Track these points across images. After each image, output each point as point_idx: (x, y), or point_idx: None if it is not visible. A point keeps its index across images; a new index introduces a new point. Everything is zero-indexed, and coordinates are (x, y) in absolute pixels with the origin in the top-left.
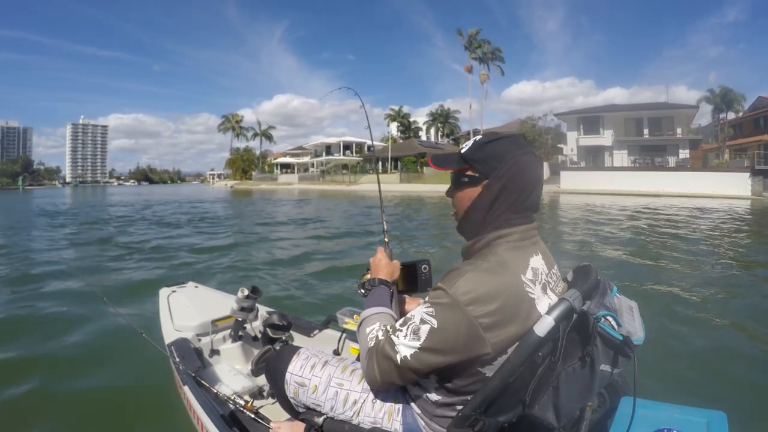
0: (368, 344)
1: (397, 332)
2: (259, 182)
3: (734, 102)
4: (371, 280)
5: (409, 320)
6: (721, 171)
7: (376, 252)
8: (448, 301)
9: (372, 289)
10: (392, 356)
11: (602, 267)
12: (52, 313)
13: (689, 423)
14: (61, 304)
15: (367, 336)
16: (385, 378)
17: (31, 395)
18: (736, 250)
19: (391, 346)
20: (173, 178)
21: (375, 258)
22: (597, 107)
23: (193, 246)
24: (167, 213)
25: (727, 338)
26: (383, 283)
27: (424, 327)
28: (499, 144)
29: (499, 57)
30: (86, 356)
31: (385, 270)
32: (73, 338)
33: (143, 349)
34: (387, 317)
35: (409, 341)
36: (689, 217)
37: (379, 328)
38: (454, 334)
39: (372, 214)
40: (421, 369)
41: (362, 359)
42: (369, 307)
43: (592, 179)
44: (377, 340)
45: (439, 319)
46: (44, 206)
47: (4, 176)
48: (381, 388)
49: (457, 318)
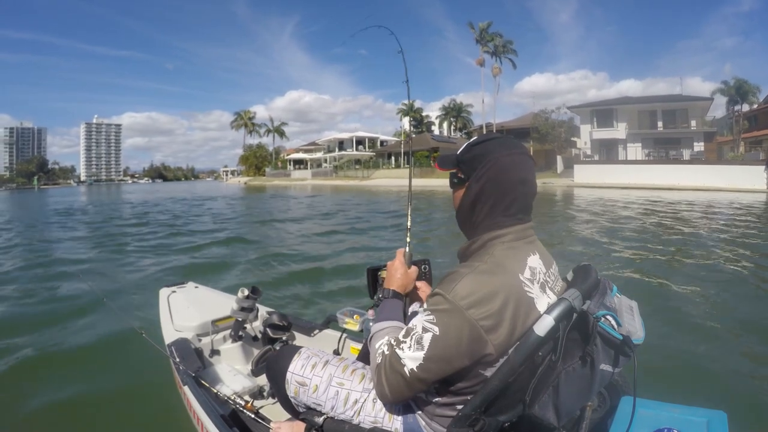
0: (376, 360)
1: (401, 344)
2: (273, 178)
3: (749, 94)
4: (385, 290)
5: (411, 331)
6: (736, 164)
7: (395, 255)
8: (447, 307)
9: (384, 300)
10: (400, 370)
11: (607, 263)
12: (52, 313)
13: (689, 423)
14: (61, 303)
15: (375, 351)
16: (395, 393)
17: (31, 395)
18: (747, 246)
19: (397, 360)
20: (187, 176)
21: (393, 264)
22: (610, 100)
23: (194, 246)
24: (175, 211)
25: (728, 338)
26: (396, 296)
27: (426, 336)
28: (485, 145)
29: (511, 50)
30: (86, 356)
31: (400, 281)
32: (73, 338)
33: (143, 349)
34: (396, 331)
35: (414, 352)
36: (702, 211)
37: (385, 343)
38: (456, 340)
39: (382, 210)
40: (429, 379)
41: (372, 376)
42: (380, 321)
43: (605, 173)
44: (384, 356)
45: (441, 326)
46: (55, 205)
47: (20, 176)
48: (392, 403)
49: (459, 323)
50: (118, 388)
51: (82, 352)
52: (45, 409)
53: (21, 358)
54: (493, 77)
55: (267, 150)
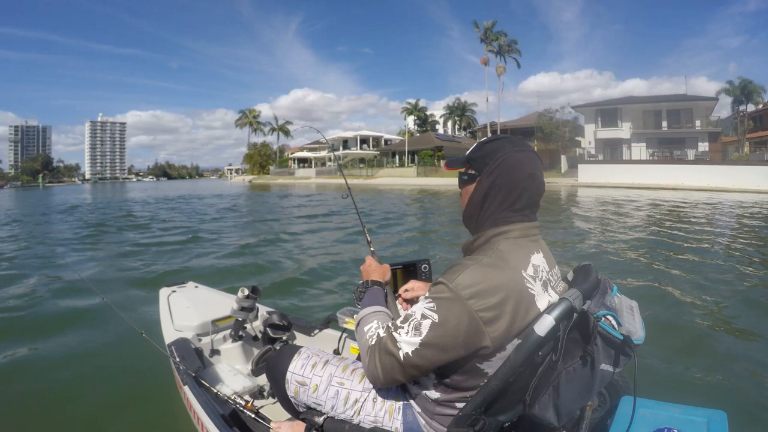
0: (368, 342)
1: (398, 329)
2: (277, 177)
3: (754, 94)
4: (364, 282)
5: (410, 317)
6: (741, 164)
7: (364, 260)
8: (449, 296)
9: (366, 291)
10: (395, 353)
11: (608, 263)
12: (52, 313)
13: (689, 422)
14: (61, 303)
15: (366, 334)
16: (387, 375)
17: (30, 395)
18: (749, 247)
19: (393, 343)
20: (191, 174)
21: (364, 265)
22: (615, 99)
23: (194, 245)
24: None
25: (728, 337)
26: (376, 284)
27: (425, 322)
28: (496, 143)
29: (515, 49)
30: (86, 356)
31: (376, 272)
32: (73, 338)
33: (143, 349)
34: (384, 315)
35: (411, 337)
36: (705, 211)
37: (379, 326)
38: (455, 328)
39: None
40: (424, 365)
41: (363, 357)
42: (365, 306)
43: (610, 172)
44: (378, 337)
45: (441, 314)
46: (59, 203)
47: (25, 174)
48: (383, 386)
49: (459, 312)
50: (118, 388)
51: (82, 351)
52: (45, 409)
53: (20, 358)
54: (497, 76)
55: (271, 148)
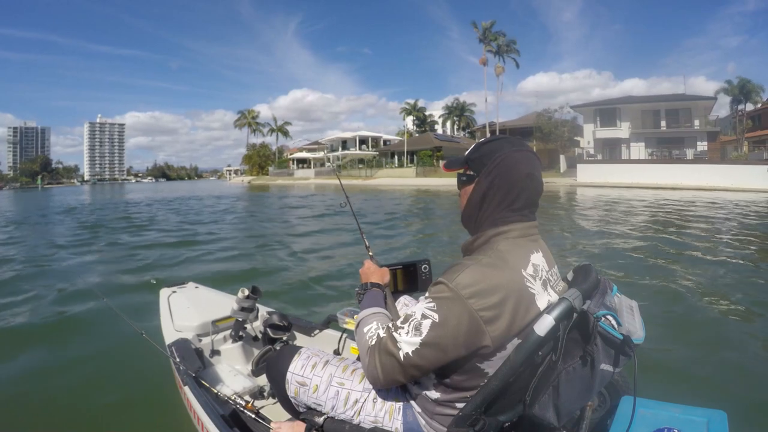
0: (368, 342)
1: (398, 329)
2: (276, 177)
3: (752, 93)
4: (363, 284)
5: (410, 317)
6: (740, 164)
7: (363, 264)
8: (449, 295)
9: (365, 293)
10: (395, 353)
11: (607, 263)
12: (52, 314)
13: (689, 422)
14: (61, 304)
15: (365, 335)
16: (387, 375)
17: (30, 395)
18: (748, 246)
19: (393, 343)
20: (190, 175)
21: (363, 268)
22: (614, 99)
23: (195, 245)
24: (176, 211)
25: (728, 337)
26: (375, 286)
27: (425, 322)
28: (495, 143)
29: (514, 49)
30: (87, 357)
31: (375, 275)
32: (73, 338)
33: (144, 350)
34: (383, 317)
35: (411, 337)
36: (704, 211)
37: (379, 327)
38: (455, 328)
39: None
40: (424, 365)
41: (363, 358)
42: (364, 308)
43: (608, 172)
44: (378, 337)
45: (441, 313)
46: (58, 205)
47: (24, 175)
48: (383, 386)
49: (459, 311)
50: (118, 389)
51: (83, 352)
52: (46, 409)
53: (21, 359)
54: (496, 76)
55: (270, 149)
